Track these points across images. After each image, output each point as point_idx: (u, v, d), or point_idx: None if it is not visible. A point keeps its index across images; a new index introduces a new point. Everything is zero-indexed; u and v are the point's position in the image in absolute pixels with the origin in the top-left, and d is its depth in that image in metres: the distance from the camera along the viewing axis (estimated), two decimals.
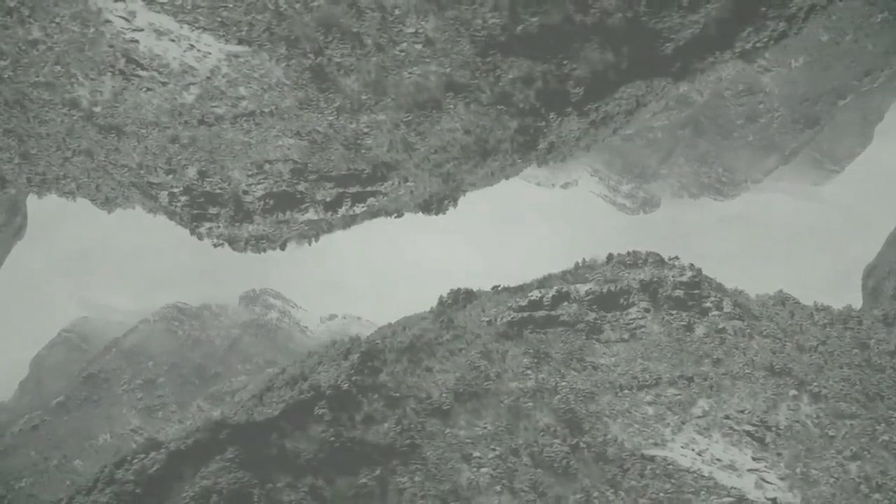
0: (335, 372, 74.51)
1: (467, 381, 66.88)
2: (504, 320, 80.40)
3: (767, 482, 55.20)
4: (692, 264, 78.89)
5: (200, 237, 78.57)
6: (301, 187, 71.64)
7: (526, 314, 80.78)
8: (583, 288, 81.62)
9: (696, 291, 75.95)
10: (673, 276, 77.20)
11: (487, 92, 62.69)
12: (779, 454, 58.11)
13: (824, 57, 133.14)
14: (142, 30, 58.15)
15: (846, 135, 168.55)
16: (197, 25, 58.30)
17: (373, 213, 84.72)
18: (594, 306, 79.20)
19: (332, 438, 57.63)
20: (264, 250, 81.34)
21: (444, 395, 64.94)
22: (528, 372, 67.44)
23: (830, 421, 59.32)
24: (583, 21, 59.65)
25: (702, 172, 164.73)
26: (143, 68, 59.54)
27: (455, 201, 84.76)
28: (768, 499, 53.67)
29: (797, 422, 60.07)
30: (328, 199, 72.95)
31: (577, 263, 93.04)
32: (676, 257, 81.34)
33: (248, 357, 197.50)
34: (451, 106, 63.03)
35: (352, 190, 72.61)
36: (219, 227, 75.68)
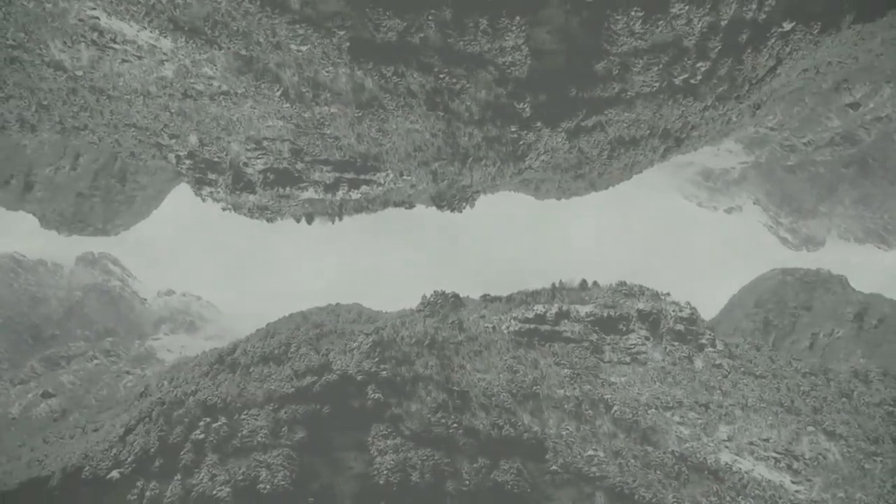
0: (349, 358, 70.63)
1: (516, 382, 66.20)
2: (510, 329, 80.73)
3: (815, 502, 60.46)
4: (689, 302, 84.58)
5: (203, 199, 79.65)
6: (299, 166, 72.95)
7: (532, 326, 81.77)
8: (583, 309, 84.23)
9: (694, 328, 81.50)
10: (674, 311, 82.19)
11: (418, 97, 62.67)
12: (809, 480, 63.91)
13: None
14: (95, 8, 58.27)
15: None
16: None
17: (383, 202, 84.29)
18: (596, 328, 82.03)
19: (455, 425, 54.16)
20: (271, 220, 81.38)
21: (501, 393, 63.68)
22: (573, 382, 68.17)
23: (864, 455, 66.35)
24: (409, 42, 58.24)
25: (866, 217, 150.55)
26: (114, 41, 61.09)
27: (471, 202, 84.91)
28: None
29: (820, 454, 66.49)
30: (327, 182, 74.67)
31: (553, 284, 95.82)
32: (668, 293, 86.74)
33: (88, 323, 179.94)
34: (392, 107, 63.59)
35: (348, 176, 74.11)
36: (218, 192, 77.26)
